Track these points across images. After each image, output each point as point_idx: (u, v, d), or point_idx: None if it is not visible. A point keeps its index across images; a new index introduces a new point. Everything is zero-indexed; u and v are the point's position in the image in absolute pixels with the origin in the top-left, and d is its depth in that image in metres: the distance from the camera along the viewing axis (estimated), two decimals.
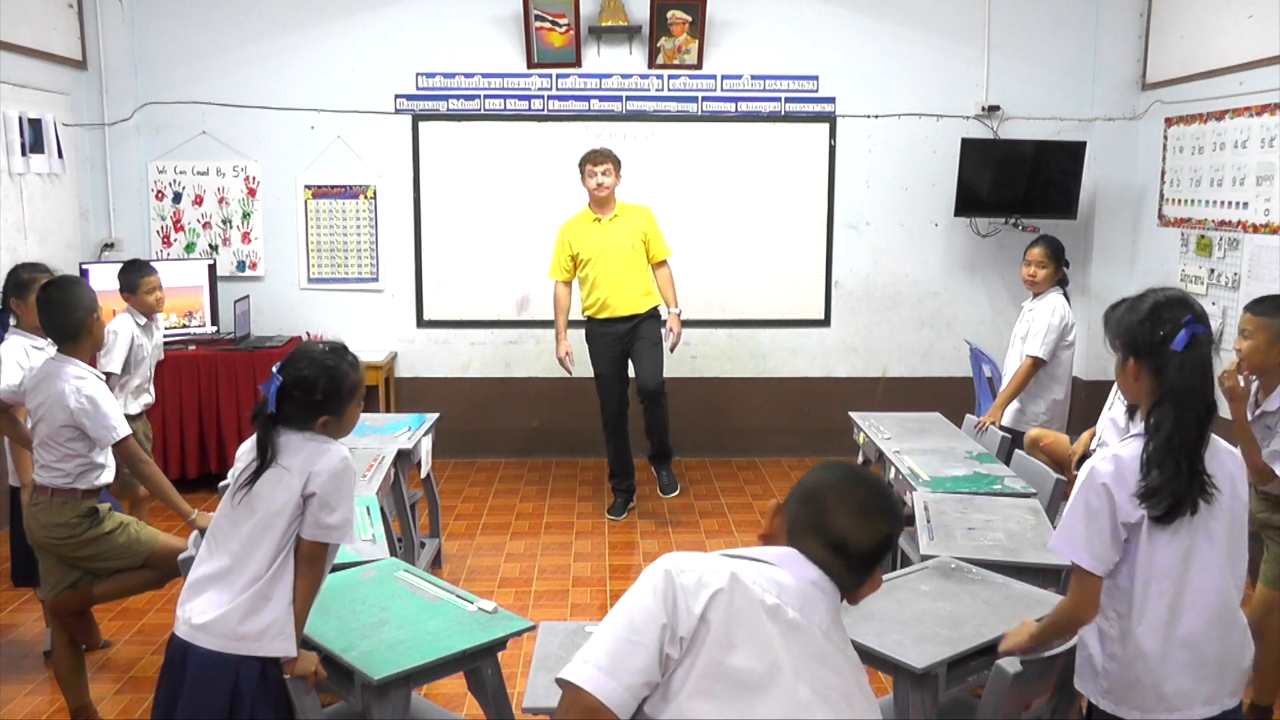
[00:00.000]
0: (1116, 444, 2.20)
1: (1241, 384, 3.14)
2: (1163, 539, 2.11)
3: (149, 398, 4.59)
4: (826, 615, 1.61)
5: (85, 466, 3.22)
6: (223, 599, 2.35)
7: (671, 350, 5.53)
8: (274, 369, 2.42)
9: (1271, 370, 3.19)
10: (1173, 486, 2.07)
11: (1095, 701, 2.22)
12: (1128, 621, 2.14)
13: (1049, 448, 4.36)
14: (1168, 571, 2.11)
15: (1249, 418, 3.20)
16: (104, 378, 3.36)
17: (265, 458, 2.38)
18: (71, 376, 3.17)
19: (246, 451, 2.46)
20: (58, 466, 3.19)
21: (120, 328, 4.37)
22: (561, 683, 1.54)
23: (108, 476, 3.34)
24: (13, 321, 3.77)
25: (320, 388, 2.39)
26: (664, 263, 5.51)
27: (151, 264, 4.63)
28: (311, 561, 2.40)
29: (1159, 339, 2.11)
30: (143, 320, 4.46)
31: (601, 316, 5.43)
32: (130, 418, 4.40)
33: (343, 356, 2.46)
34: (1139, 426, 2.16)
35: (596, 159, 5.36)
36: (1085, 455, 3.94)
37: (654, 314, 5.50)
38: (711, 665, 1.50)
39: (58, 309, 3.22)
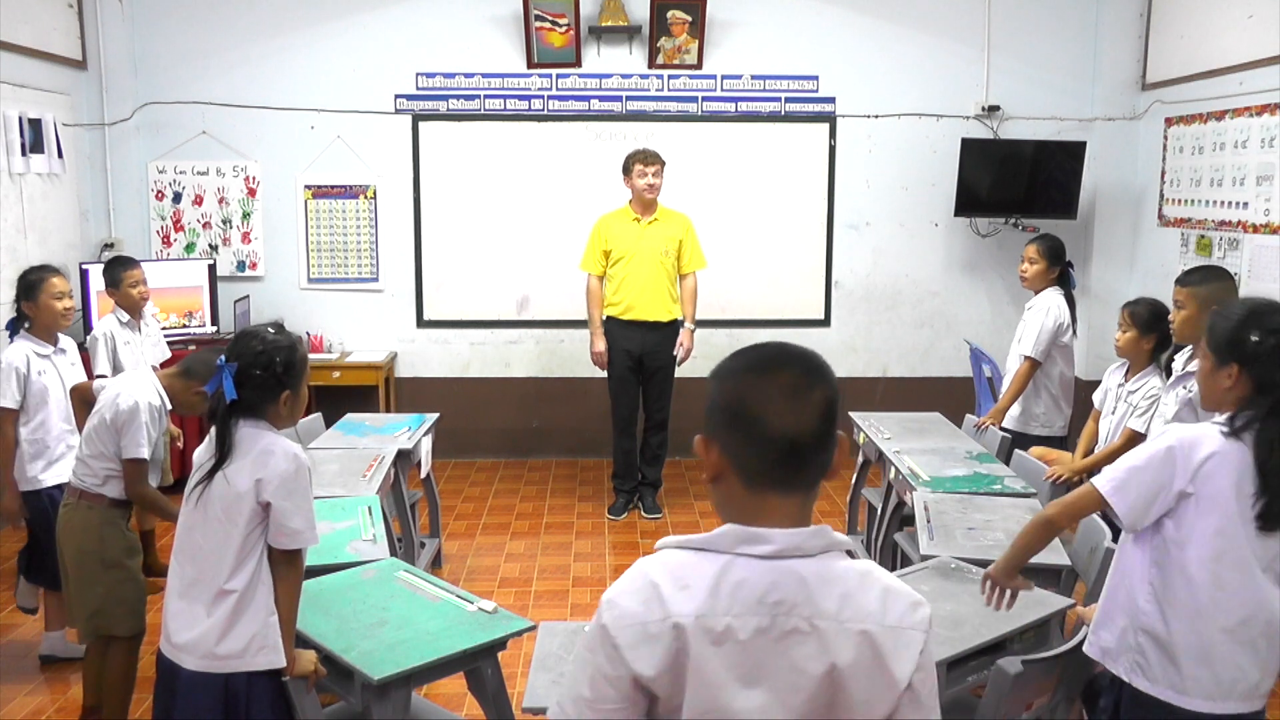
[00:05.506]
0: (1203, 424, 2.21)
1: None
2: (1210, 522, 2.11)
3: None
4: (813, 567, 1.32)
5: (112, 473, 3.18)
6: (197, 615, 2.34)
7: (679, 364, 5.53)
8: (219, 360, 2.40)
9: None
10: None
11: (1129, 679, 2.19)
12: (1169, 600, 2.14)
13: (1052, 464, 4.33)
14: (1211, 559, 2.11)
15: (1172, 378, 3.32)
16: (162, 401, 3.27)
17: (224, 453, 2.36)
18: (137, 383, 3.18)
19: (202, 452, 2.44)
20: (89, 461, 3.17)
21: (101, 331, 4.39)
22: None
23: None
24: (25, 326, 3.75)
25: (280, 360, 2.39)
26: (692, 274, 5.48)
27: (135, 260, 4.63)
28: (288, 566, 2.40)
29: (1269, 349, 2.13)
30: (125, 318, 4.47)
31: (625, 318, 5.42)
32: None
33: (288, 333, 2.48)
34: (1222, 417, 2.19)
35: (648, 159, 5.32)
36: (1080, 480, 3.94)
37: (674, 330, 5.48)
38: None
39: (205, 359, 3.15)
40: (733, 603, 1.30)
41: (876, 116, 6.48)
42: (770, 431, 1.32)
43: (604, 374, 5.58)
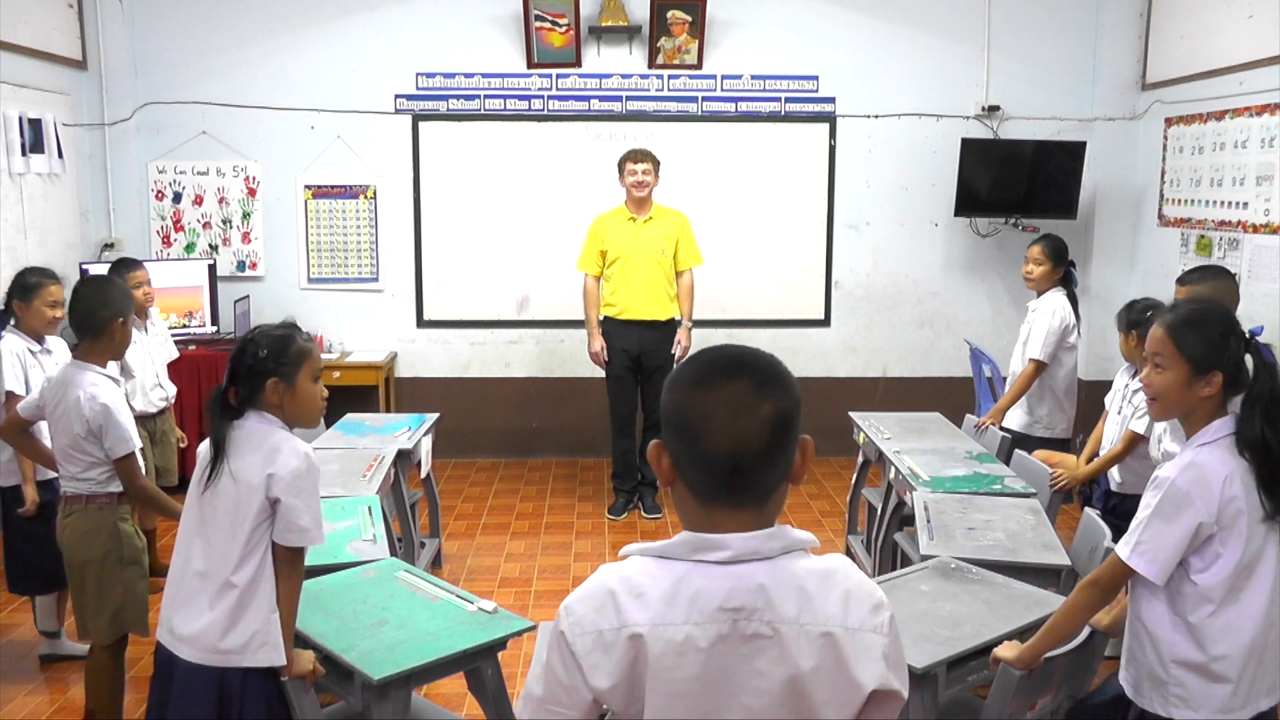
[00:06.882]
0: (1191, 452, 2.15)
1: None
2: (1240, 544, 2.10)
3: (164, 392, 4.57)
4: (763, 574, 1.30)
5: (110, 472, 3.15)
6: (201, 607, 2.35)
7: (676, 363, 5.54)
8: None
9: None
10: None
11: (1169, 714, 2.16)
12: (1202, 627, 2.12)
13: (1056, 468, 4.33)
14: (1243, 575, 2.10)
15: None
16: (120, 382, 3.30)
17: (219, 449, 2.36)
18: (87, 384, 3.08)
19: (206, 447, 2.44)
20: (85, 476, 3.13)
21: None
22: None
23: None
24: (12, 322, 3.76)
25: (264, 345, 2.39)
26: (688, 271, 5.49)
27: (140, 261, 4.63)
28: (291, 564, 2.40)
29: (1237, 352, 2.13)
30: (134, 318, 4.47)
31: (622, 317, 5.43)
32: (150, 416, 4.42)
33: (291, 327, 2.48)
34: (1207, 435, 2.15)
35: (636, 157, 5.36)
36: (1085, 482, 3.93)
37: (671, 329, 5.49)
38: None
39: (85, 304, 3.16)
40: (691, 611, 1.29)
41: (876, 116, 6.48)
42: (712, 449, 1.29)
43: (603, 374, 5.59)
